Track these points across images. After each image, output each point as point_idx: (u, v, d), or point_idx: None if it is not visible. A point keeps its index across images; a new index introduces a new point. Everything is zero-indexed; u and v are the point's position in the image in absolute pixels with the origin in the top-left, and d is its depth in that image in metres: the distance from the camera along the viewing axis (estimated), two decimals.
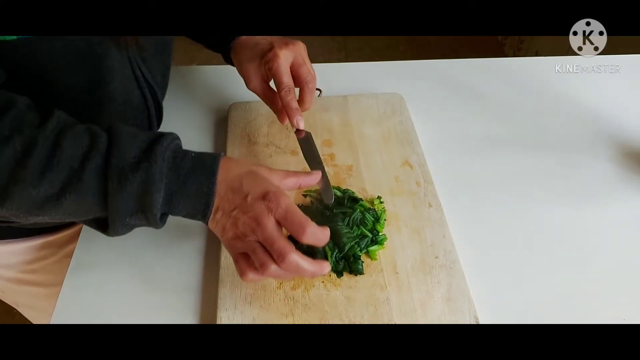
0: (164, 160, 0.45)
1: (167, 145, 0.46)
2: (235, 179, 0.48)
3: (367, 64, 0.86)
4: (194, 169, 0.47)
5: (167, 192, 0.46)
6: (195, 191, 0.46)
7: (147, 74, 0.62)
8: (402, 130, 0.71)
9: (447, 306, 0.52)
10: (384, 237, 0.57)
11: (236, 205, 0.47)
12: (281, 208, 0.46)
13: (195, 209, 0.47)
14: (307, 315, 0.51)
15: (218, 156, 0.48)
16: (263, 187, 0.48)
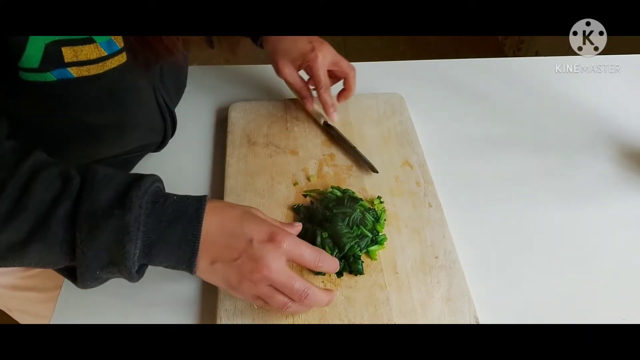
0: (141, 206, 0.41)
1: (145, 189, 0.42)
2: (233, 223, 0.44)
3: (367, 64, 0.86)
4: (177, 215, 0.43)
5: (145, 242, 0.42)
6: (178, 239, 0.42)
7: (167, 98, 0.63)
8: (402, 130, 0.71)
9: (447, 306, 0.52)
10: (384, 237, 0.57)
11: (240, 252, 0.44)
12: (294, 248, 0.45)
13: (178, 260, 0.43)
14: (306, 315, 0.51)
15: (203, 199, 0.45)
16: (267, 227, 0.45)
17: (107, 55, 0.47)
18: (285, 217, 0.60)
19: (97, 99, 0.49)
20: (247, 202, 0.61)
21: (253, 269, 0.43)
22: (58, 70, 0.44)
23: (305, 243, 0.46)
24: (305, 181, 0.64)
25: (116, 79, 0.49)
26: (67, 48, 0.44)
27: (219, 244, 0.44)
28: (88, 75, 0.46)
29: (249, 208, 0.48)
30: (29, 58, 0.42)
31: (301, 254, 0.46)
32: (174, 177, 0.66)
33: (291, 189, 0.63)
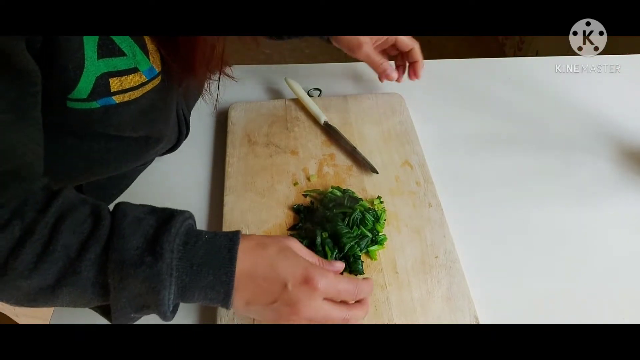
0: (172, 251, 0.40)
1: (176, 231, 0.41)
2: (268, 266, 0.43)
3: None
4: (209, 257, 0.42)
5: (179, 285, 0.41)
6: (211, 282, 0.41)
7: (185, 111, 0.63)
8: (402, 130, 0.71)
9: (447, 306, 0.52)
10: (384, 237, 0.57)
11: (275, 297, 0.42)
12: (329, 287, 0.43)
13: (212, 300, 0.42)
14: None
15: (235, 239, 0.43)
16: (301, 270, 0.43)
17: (147, 81, 0.47)
18: (285, 216, 0.60)
19: (132, 119, 0.50)
20: (248, 202, 0.61)
21: (290, 312, 0.42)
22: (103, 99, 0.45)
23: (341, 278, 0.45)
24: (306, 181, 0.64)
25: (151, 99, 0.49)
26: (114, 79, 0.44)
27: (252, 287, 0.42)
28: (129, 100, 0.47)
29: (284, 243, 0.45)
30: (80, 90, 0.43)
31: (338, 291, 0.44)
32: (175, 178, 0.66)
33: (291, 189, 0.63)
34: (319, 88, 0.78)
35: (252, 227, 0.59)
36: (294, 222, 0.59)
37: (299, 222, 0.59)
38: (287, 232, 0.58)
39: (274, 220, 0.60)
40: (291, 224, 0.59)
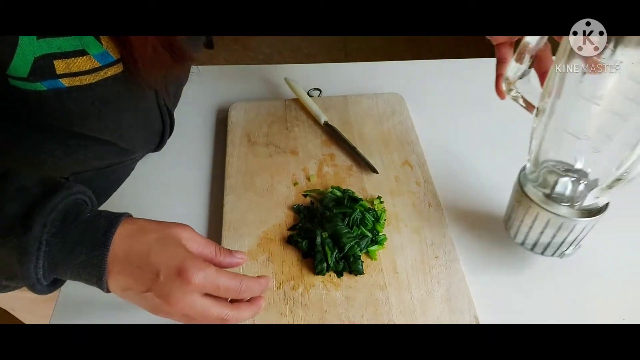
0: (44, 225, 0.39)
1: (53, 205, 0.40)
2: (142, 253, 0.41)
3: (367, 64, 0.86)
4: (84, 236, 0.40)
5: (50, 261, 0.40)
6: (84, 262, 0.40)
7: (168, 100, 0.62)
8: (402, 130, 0.71)
9: (447, 306, 0.52)
10: (384, 237, 0.57)
11: (148, 286, 0.40)
12: (207, 282, 0.40)
13: (87, 281, 0.41)
14: (306, 315, 0.51)
15: (115, 221, 0.42)
16: (177, 259, 0.41)
17: (101, 66, 0.46)
18: (285, 216, 0.60)
19: (93, 107, 0.48)
20: (247, 202, 0.61)
21: (162, 304, 0.40)
22: (48, 81, 0.43)
23: (223, 273, 0.42)
24: (305, 181, 0.64)
25: (112, 87, 0.48)
26: (59, 61, 0.43)
27: (127, 273, 0.41)
28: (80, 84, 0.45)
29: (169, 231, 0.43)
30: (17, 68, 0.41)
31: (217, 287, 0.41)
32: (175, 176, 0.66)
33: (291, 189, 0.63)
34: (319, 88, 0.78)
35: (251, 227, 0.59)
36: (294, 222, 0.59)
37: (299, 222, 0.59)
38: (287, 232, 0.58)
39: (273, 220, 0.60)
40: (291, 224, 0.59)
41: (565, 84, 0.45)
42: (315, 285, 0.53)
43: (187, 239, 0.43)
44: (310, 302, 0.52)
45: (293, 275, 0.54)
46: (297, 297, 0.52)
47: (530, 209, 0.51)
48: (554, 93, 0.46)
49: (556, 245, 0.52)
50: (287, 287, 0.53)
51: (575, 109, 0.45)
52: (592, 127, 0.46)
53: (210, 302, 0.42)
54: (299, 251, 0.56)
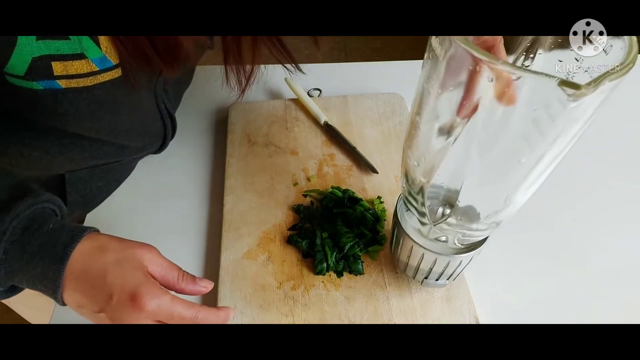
0: (4, 232, 0.39)
1: (17, 212, 0.40)
2: (98, 273, 0.40)
3: (367, 64, 0.86)
4: (43, 249, 0.40)
5: (7, 270, 0.40)
6: (39, 275, 0.40)
7: (168, 104, 0.62)
8: (402, 130, 0.71)
9: (447, 306, 0.52)
10: (384, 237, 0.57)
11: (100, 307, 0.40)
12: (160, 311, 0.40)
13: (43, 292, 0.41)
14: (306, 314, 0.51)
15: (77, 237, 0.41)
16: (132, 284, 0.40)
17: (99, 70, 0.46)
18: (285, 216, 0.60)
19: (89, 109, 0.48)
20: (247, 202, 0.61)
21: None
22: (45, 81, 0.43)
23: (179, 303, 0.41)
24: (305, 181, 0.64)
25: (108, 91, 0.48)
26: (57, 63, 0.43)
27: (81, 291, 0.40)
28: (77, 87, 0.45)
29: (130, 251, 0.42)
30: (14, 67, 0.41)
31: (171, 316, 0.40)
32: (175, 178, 0.66)
33: (291, 189, 0.63)
34: (318, 88, 0.78)
35: (251, 227, 0.59)
36: (294, 222, 0.59)
37: (298, 222, 0.59)
38: (287, 232, 0.58)
39: (273, 220, 0.60)
40: (291, 224, 0.59)
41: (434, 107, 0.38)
42: (315, 285, 0.53)
43: (148, 260, 0.42)
44: (310, 302, 0.52)
45: (293, 275, 0.54)
46: (297, 297, 0.52)
47: (399, 235, 0.49)
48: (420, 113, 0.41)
49: (435, 274, 0.49)
50: (287, 287, 0.53)
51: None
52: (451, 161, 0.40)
53: (166, 318, 0.41)
54: (299, 251, 0.56)
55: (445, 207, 0.43)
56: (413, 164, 0.42)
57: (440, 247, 0.46)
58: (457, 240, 0.46)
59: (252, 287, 0.53)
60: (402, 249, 0.49)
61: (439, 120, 0.38)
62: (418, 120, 0.40)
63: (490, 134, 0.35)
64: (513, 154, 0.36)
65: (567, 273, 0.57)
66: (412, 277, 0.51)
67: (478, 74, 0.32)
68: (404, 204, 0.48)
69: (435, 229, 0.44)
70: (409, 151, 0.43)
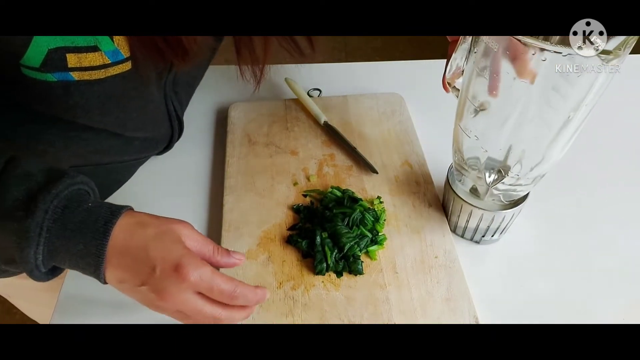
0: (46, 211, 0.39)
1: (57, 192, 0.40)
2: (140, 247, 0.41)
3: (367, 64, 0.86)
4: (84, 225, 0.40)
5: (50, 248, 0.40)
6: (82, 251, 0.40)
7: (178, 107, 0.62)
8: (402, 130, 0.71)
9: (447, 306, 0.52)
10: (384, 237, 0.57)
11: (143, 280, 0.40)
12: (202, 282, 0.41)
13: (84, 270, 0.42)
14: (306, 314, 0.51)
15: (117, 212, 0.42)
16: (175, 255, 0.41)
17: (111, 63, 0.46)
18: (285, 216, 0.60)
19: (99, 102, 0.49)
20: (248, 202, 0.61)
21: (156, 299, 0.41)
22: (59, 73, 0.44)
23: (219, 275, 0.42)
24: (305, 181, 0.64)
25: (119, 84, 0.48)
26: (71, 55, 0.43)
27: (124, 266, 0.41)
28: (90, 79, 0.46)
29: (168, 226, 0.43)
30: (30, 59, 0.42)
31: (211, 287, 0.41)
32: (175, 177, 0.66)
33: (291, 189, 0.63)
34: (318, 88, 0.78)
35: (252, 227, 0.59)
36: (294, 222, 0.59)
37: (298, 222, 0.59)
38: (287, 232, 0.58)
39: (273, 220, 0.60)
40: (291, 223, 0.59)
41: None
42: (315, 285, 0.53)
43: (186, 235, 0.43)
44: (310, 302, 0.52)
45: (293, 275, 0.54)
46: (297, 297, 0.52)
47: (456, 202, 0.56)
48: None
49: (482, 232, 0.57)
50: (287, 287, 0.53)
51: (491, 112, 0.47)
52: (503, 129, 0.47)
53: (203, 301, 0.42)
54: (299, 251, 0.56)
55: (498, 172, 0.50)
56: (472, 139, 0.49)
57: (493, 206, 0.54)
58: (503, 197, 0.53)
59: None
60: (462, 214, 0.56)
61: (481, 99, 0.46)
62: (473, 102, 0.47)
63: (534, 106, 0.44)
64: (549, 120, 0.45)
65: (568, 273, 0.57)
66: (471, 238, 0.58)
67: (533, 56, 0.40)
68: (456, 175, 0.56)
69: (492, 189, 0.52)
70: (461, 126, 0.50)
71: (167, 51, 0.47)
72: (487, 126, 0.47)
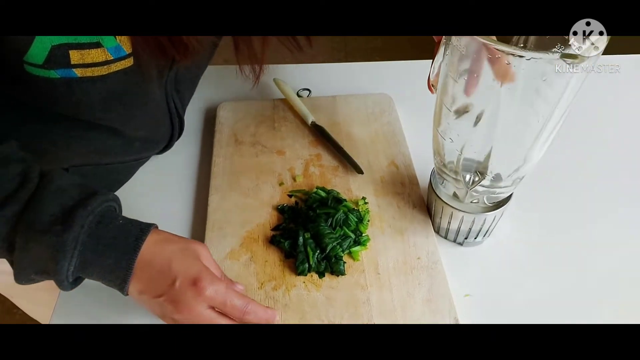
0: (82, 226, 0.42)
1: (92, 209, 0.43)
2: (165, 261, 0.44)
3: (359, 64, 0.86)
4: (116, 240, 0.44)
5: (81, 260, 0.43)
6: (111, 265, 0.43)
7: (179, 104, 0.63)
8: (390, 131, 0.71)
9: (427, 307, 0.52)
10: (367, 238, 0.57)
11: (163, 291, 0.44)
12: (217, 296, 0.44)
13: (110, 282, 0.45)
14: (286, 315, 0.51)
15: (146, 230, 0.45)
16: (194, 270, 0.44)
17: (114, 59, 0.47)
18: (269, 216, 0.60)
19: (101, 99, 0.49)
20: (232, 202, 0.61)
21: (173, 310, 0.44)
22: (62, 70, 0.45)
23: (233, 292, 0.45)
24: (291, 181, 0.64)
25: (121, 81, 0.49)
26: (74, 51, 0.44)
27: (146, 278, 0.44)
28: (92, 76, 0.46)
29: (191, 245, 0.47)
30: (33, 56, 0.43)
31: (224, 302, 0.45)
32: (161, 177, 0.66)
33: (276, 189, 0.63)
34: (308, 88, 0.78)
35: (235, 227, 0.59)
36: (278, 222, 0.60)
37: (282, 222, 0.59)
38: (270, 232, 0.58)
39: (257, 220, 0.60)
40: (275, 224, 0.59)
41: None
42: (296, 286, 0.53)
43: (203, 255, 0.47)
44: (291, 303, 0.52)
45: (275, 276, 0.54)
46: (278, 297, 0.53)
47: (438, 204, 0.56)
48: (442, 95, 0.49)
49: (464, 234, 0.57)
50: (268, 287, 0.53)
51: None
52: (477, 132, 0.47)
53: (215, 315, 0.45)
54: (282, 252, 0.56)
55: (477, 174, 0.51)
56: (448, 141, 0.50)
57: (475, 208, 0.54)
58: (487, 199, 0.54)
59: None
60: (443, 217, 0.56)
61: (459, 102, 0.46)
62: (447, 104, 0.48)
63: (507, 108, 0.44)
64: (526, 121, 0.45)
65: (551, 275, 0.56)
66: (454, 240, 0.58)
67: (498, 60, 0.40)
68: (437, 178, 0.56)
69: (471, 192, 0.52)
70: (440, 131, 0.51)
71: (168, 46, 0.47)
72: (463, 128, 0.47)
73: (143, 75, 0.51)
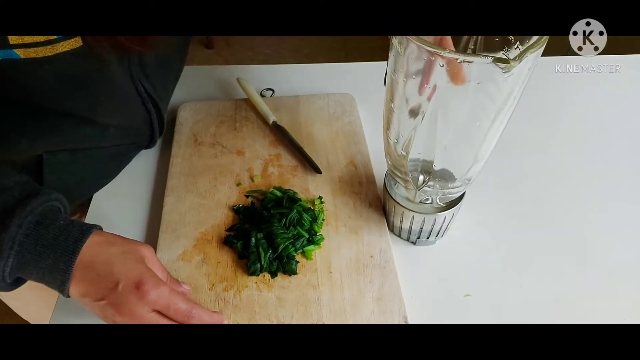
0: (20, 226, 0.42)
1: (31, 208, 0.43)
2: (105, 263, 0.44)
3: (323, 65, 0.86)
4: (55, 242, 0.43)
5: (19, 261, 0.43)
6: (50, 266, 0.43)
7: (150, 89, 0.61)
8: (350, 131, 0.71)
9: (377, 306, 0.51)
10: (321, 237, 0.57)
11: (104, 294, 0.43)
12: (160, 300, 0.44)
13: (50, 284, 0.44)
14: (236, 316, 0.51)
15: (87, 232, 0.45)
16: (136, 273, 0.44)
17: (57, 39, 0.45)
18: (225, 217, 0.60)
19: (56, 83, 0.48)
20: (188, 203, 0.61)
21: (114, 314, 0.43)
22: (2, 51, 0.43)
23: (177, 295, 0.45)
24: (249, 181, 0.64)
25: (72, 64, 0.47)
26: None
27: (87, 280, 0.44)
28: (36, 57, 0.45)
29: (134, 247, 0.46)
30: None
31: (168, 306, 0.44)
32: (119, 178, 0.66)
33: (234, 190, 0.63)
34: (271, 88, 0.78)
35: (189, 228, 0.58)
36: (234, 223, 0.59)
37: (237, 223, 0.59)
38: (225, 233, 0.58)
39: (212, 221, 0.59)
40: (230, 224, 0.59)
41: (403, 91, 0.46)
42: (248, 286, 0.53)
43: (147, 257, 0.46)
44: (241, 303, 0.52)
45: (226, 277, 0.54)
46: (228, 298, 0.52)
47: (390, 203, 0.56)
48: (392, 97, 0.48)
49: (416, 233, 0.57)
50: (219, 288, 0.53)
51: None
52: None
53: (158, 318, 0.44)
54: (235, 252, 0.56)
55: (424, 174, 0.51)
56: (393, 142, 0.50)
57: (426, 208, 0.54)
58: (439, 200, 0.54)
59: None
60: (395, 216, 0.57)
61: (409, 103, 0.46)
62: (392, 105, 0.48)
63: (450, 108, 0.44)
64: (471, 121, 0.45)
65: (503, 275, 0.56)
66: (407, 239, 0.59)
67: (433, 63, 0.40)
68: (391, 178, 0.56)
69: (420, 192, 0.53)
70: (388, 132, 0.50)
71: (119, 38, 0.46)
72: (408, 129, 0.47)
73: (100, 59, 0.50)
